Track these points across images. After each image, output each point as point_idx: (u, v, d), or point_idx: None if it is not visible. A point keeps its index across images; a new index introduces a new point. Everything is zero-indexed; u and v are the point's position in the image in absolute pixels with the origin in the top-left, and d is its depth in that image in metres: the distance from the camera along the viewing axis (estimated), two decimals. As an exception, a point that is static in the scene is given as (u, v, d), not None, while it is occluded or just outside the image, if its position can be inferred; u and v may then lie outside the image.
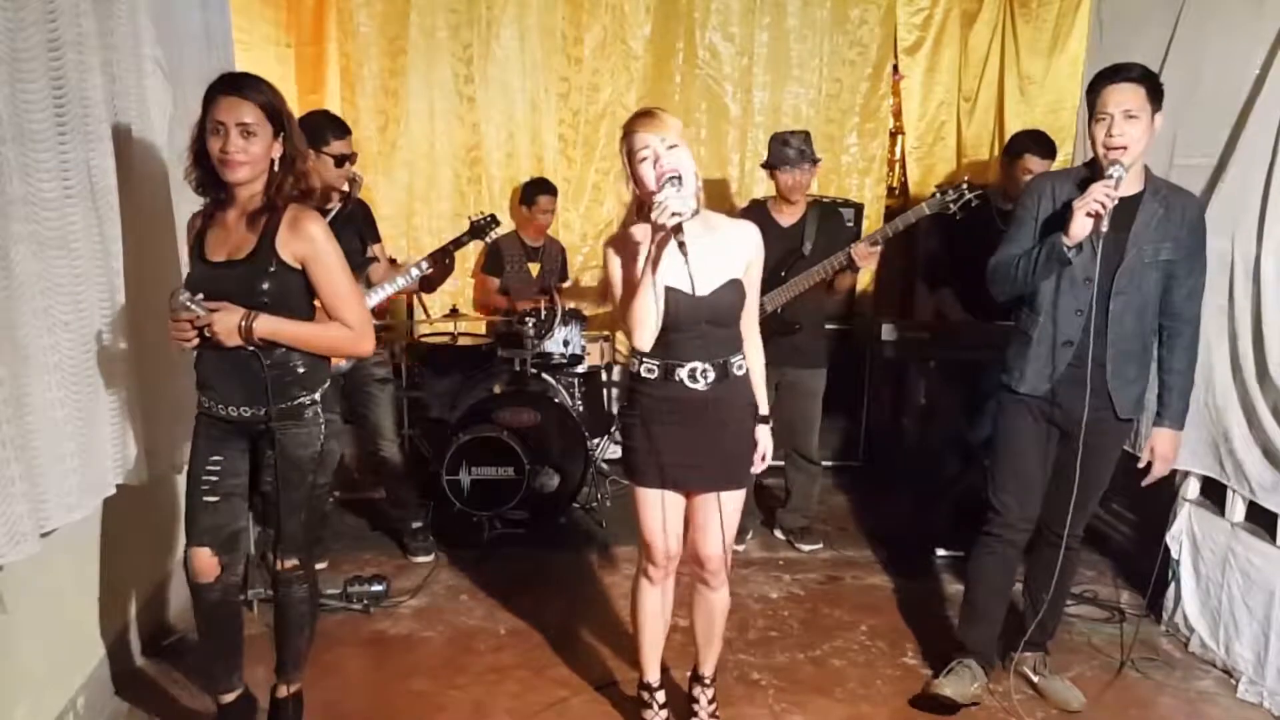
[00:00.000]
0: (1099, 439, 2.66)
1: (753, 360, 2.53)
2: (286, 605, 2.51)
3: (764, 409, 2.56)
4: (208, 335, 2.22)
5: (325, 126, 3.50)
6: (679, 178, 2.20)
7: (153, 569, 3.17)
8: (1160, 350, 2.71)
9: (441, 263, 3.70)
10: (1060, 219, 2.58)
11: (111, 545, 2.77)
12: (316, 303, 2.40)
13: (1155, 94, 2.52)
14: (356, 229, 3.68)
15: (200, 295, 2.21)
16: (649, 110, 2.33)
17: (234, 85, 2.25)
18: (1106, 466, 2.76)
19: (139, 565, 3.03)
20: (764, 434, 2.57)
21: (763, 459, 2.57)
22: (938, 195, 3.73)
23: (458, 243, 3.81)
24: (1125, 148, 2.50)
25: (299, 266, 2.30)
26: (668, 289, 2.29)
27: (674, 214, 2.13)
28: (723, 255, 2.38)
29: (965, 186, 3.64)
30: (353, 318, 2.36)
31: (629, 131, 2.30)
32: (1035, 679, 2.99)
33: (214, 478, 2.38)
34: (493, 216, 3.94)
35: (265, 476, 2.40)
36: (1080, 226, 2.48)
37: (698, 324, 2.36)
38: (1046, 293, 2.68)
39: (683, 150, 2.27)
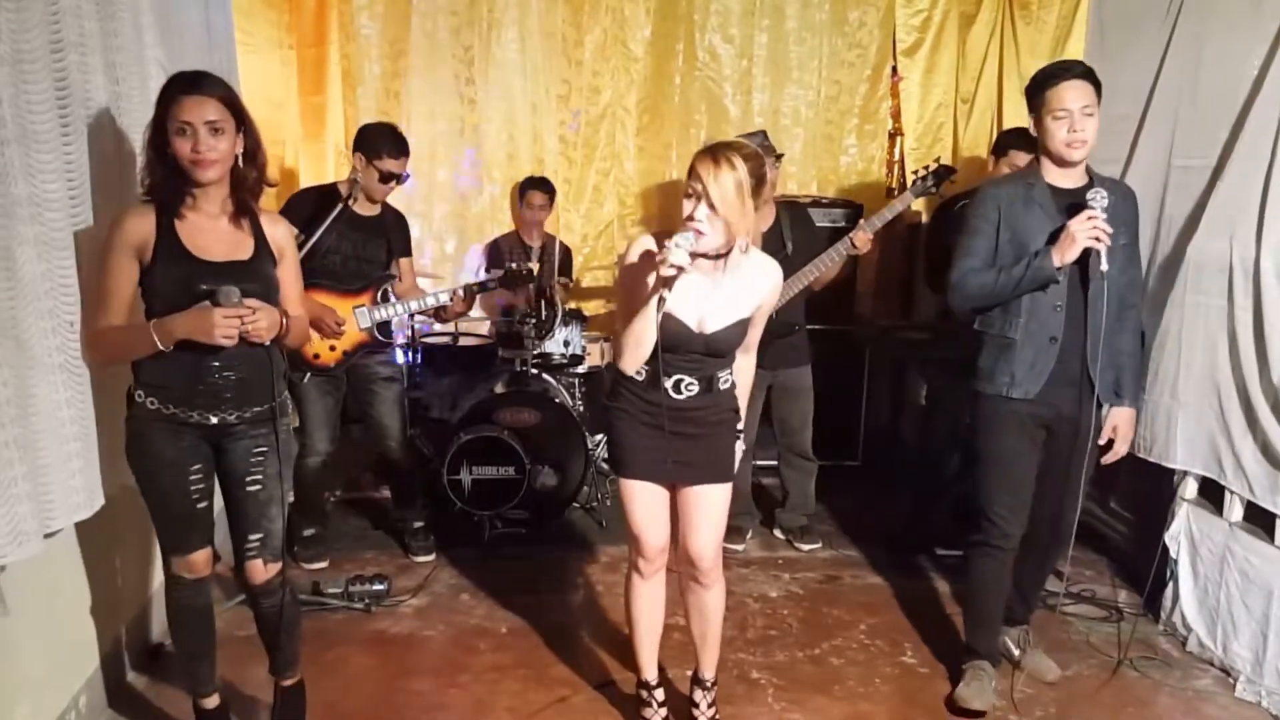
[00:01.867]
0: (1087, 431, 2.68)
1: (744, 379, 2.56)
2: (279, 612, 2.48)
3: (741, 425, 2.56)
4: (244, 333, 2.19)
5: (383, 141, 3.49)
6: (696, 234, 2.21)
7: (153, 569, 3.17)
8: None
9: (465, 300, 3.70)
10: (1022, 225, 2.64)
11: (112, 545, 2.78)
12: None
13: (1099, 91, 2.59)
14: (385, 240, 3.65)
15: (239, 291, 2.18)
16: (719, 155, 2.21)
17: (194, 84, 2.19)
18: (1093, 456, 2.80)
19: (139, 565, 3.03)
20: (737, 447, 2.56)
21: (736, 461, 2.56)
22: (918, 182, 3.79)
23: (483, 286, 3.81)
24: (1086, 142, 2.57)
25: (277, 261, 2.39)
26: (672, 318, 2.31)
27: (674, 265, 2.13)
28: (738, 295, 2.39)
29: (934, 165, 3.77)
30: (302, 308, 2.51)
31: (694, 161, 2.25)
32: (1016, 652, 3.05)
33: (200, 485, 2.35)
34: (530, 270, 3.92)
35: (253, 477, 2.36)
36: (1075, 253, 2.52)
37: (694, 352, 2.40)
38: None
39: (719, 223, 2.22)
